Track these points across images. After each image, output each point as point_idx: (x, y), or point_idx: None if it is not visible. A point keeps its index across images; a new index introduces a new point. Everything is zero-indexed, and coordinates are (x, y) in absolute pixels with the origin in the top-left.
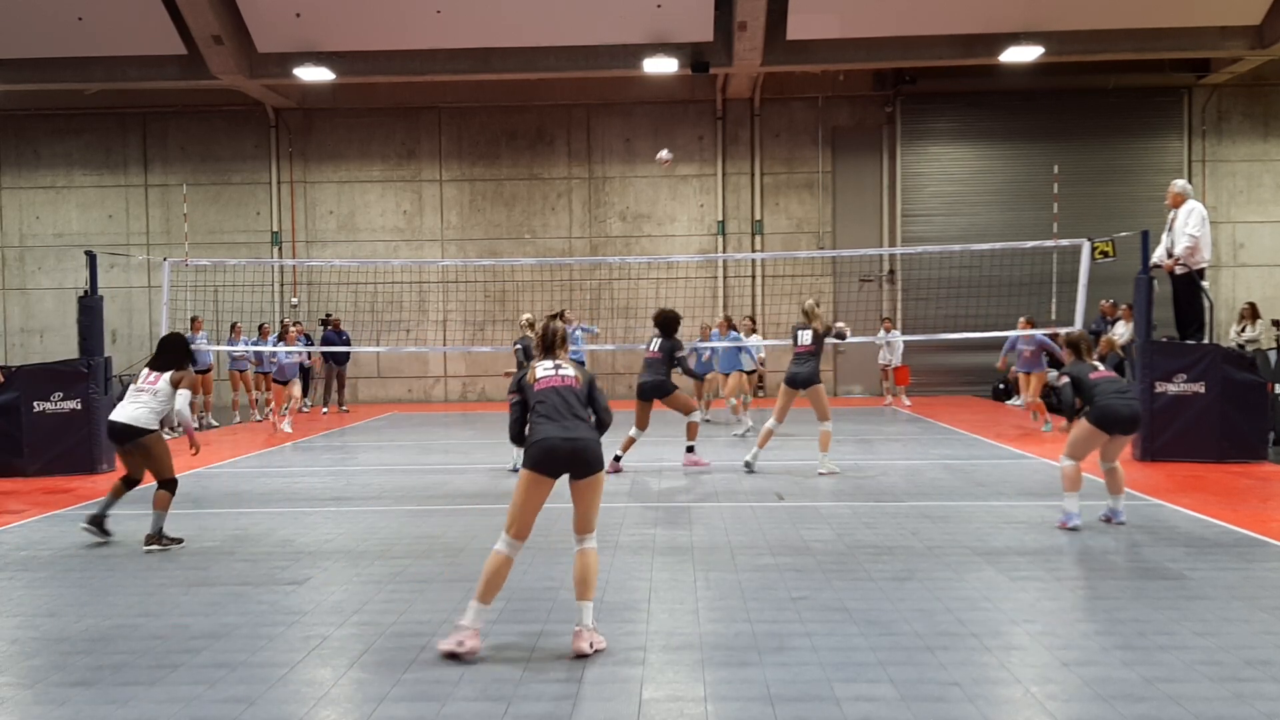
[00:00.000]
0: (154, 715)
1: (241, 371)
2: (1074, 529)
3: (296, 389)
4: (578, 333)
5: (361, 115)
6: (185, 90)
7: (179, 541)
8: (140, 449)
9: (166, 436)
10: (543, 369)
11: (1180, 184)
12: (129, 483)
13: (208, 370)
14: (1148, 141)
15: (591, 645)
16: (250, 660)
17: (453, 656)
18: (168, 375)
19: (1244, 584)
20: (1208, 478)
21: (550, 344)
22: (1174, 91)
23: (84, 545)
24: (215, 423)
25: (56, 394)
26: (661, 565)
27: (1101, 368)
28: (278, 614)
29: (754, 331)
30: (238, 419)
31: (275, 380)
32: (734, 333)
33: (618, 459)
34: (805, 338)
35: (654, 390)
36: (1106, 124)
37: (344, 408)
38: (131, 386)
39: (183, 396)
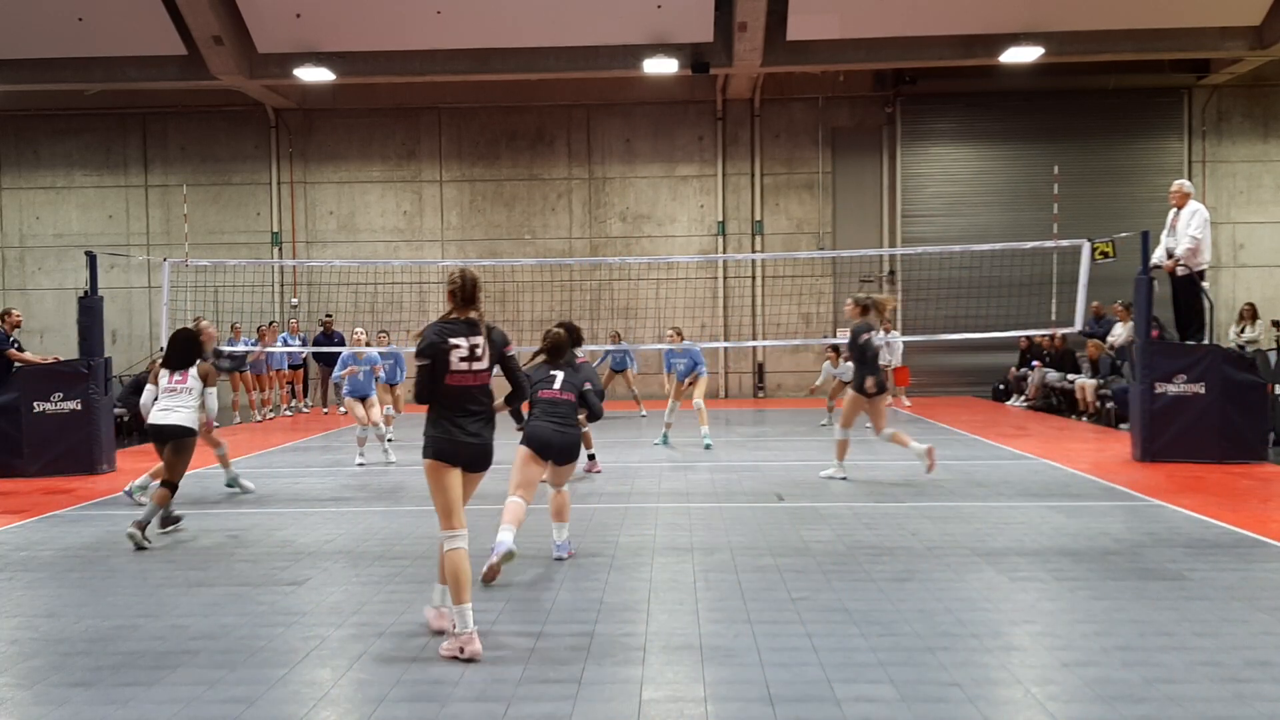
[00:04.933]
0: (154, 715)
1: (241, 372)
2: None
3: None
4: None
5: (361, 115)
6: (185, 90)
7: (148, 544)
8: (180, 448)
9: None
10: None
11: (1188, 184)
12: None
13: None
14: (1148, 142)
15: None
16: (250, 660)
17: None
18: (193, 370)
19: (1244, 584)
20: (1208, 478)
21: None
22: (1174, 92)
23: (83, 545)
24: (215, 423)
25: (56, 394)
26: (661, 565)
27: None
28: (278, 614)
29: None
30: (238, 419)
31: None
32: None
33: None
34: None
35: None
36: (1106, 124)
37: (326, 409)
38: (162, 386)
39: (211, 393)
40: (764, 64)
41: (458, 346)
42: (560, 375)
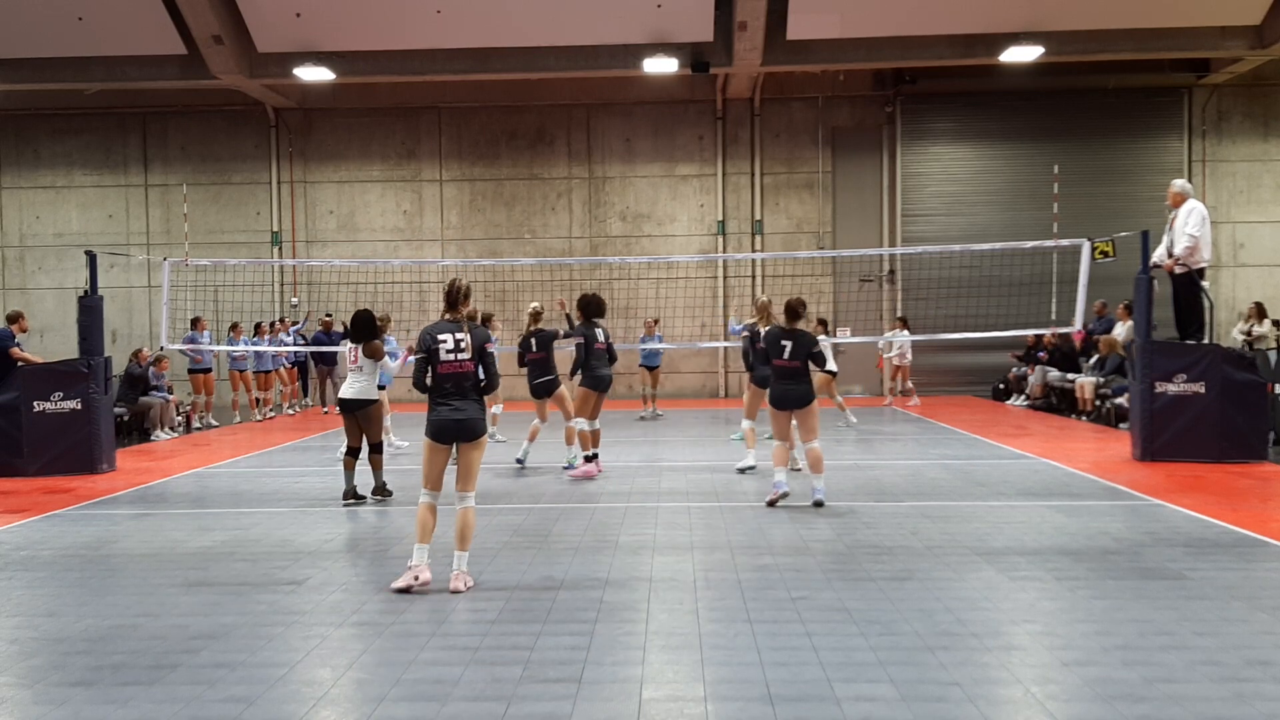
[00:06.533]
0: (153, 715)
1: (241, 371)
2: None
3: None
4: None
5: (361, 115)
6: (185, 90)
7: (390, 494)
8: (362, 416)
9: (166, 437)
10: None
11: (1180, 183)
12: (354, 453)
13: (208, 371)
14: (1148, 141)
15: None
16: (250, 660)
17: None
18: (361, 348)
19: (1244, 584)
20: (1208, 478)
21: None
22: (1174, 91)
23: (83, 545)
24: (215, 422)
25: (56, 394)
26: (661, 565)
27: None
28: (277, 614)
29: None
30: (237, 419)
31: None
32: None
33: None
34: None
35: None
36: (1106, 124)
37: (326, 409)
38: (346, 363)
39: (381, 364)
40: (764, 63)
41: (444, 341)
42: (789, 345)
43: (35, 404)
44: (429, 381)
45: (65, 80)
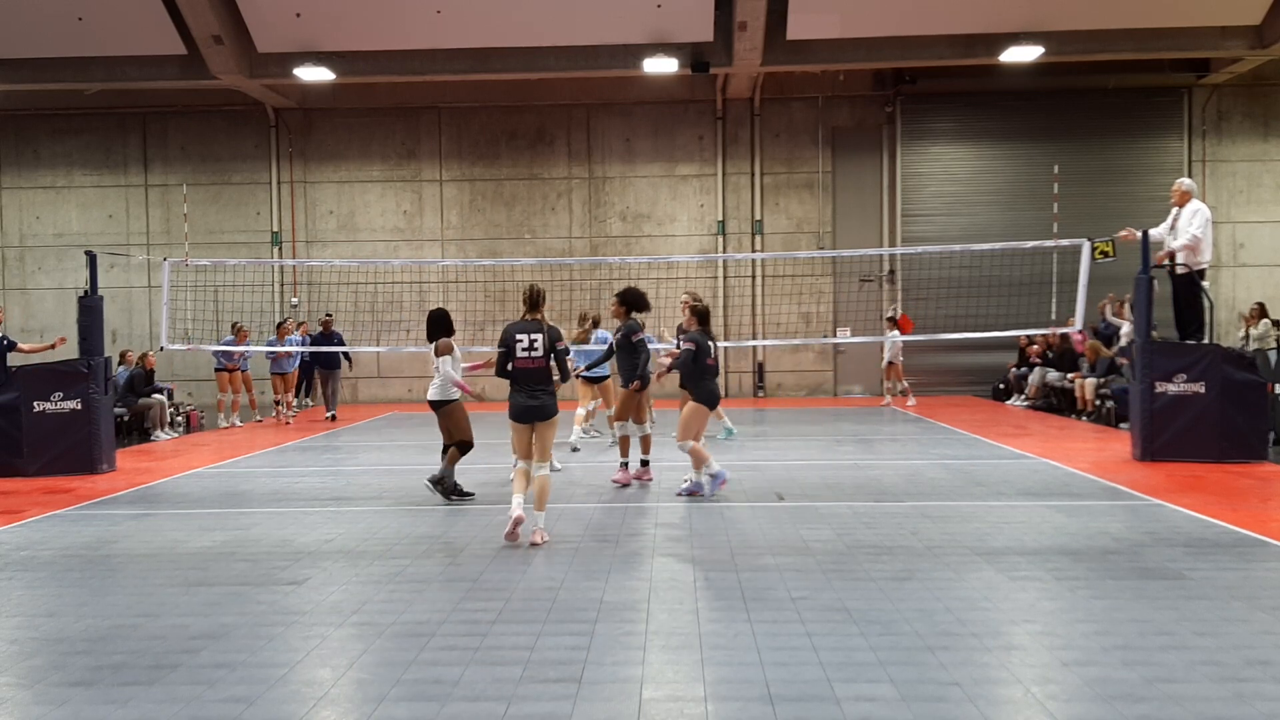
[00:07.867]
0: (153, 715)
1: (242, 371)
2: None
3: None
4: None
5: (361, 115)
6: (185, 90)
7: (469, 495)
8: (442, 415)
9: (166, 437)
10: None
11: (1188, 182)
12: (462, 447)
13: (235, 370)
14: (1148, 141)
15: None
16: (250, 660)
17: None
18: (432, 348)
19: (1244, 584)
20: (1208, 478)
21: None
22: (1174, 91)
23: (83, 545)
24: (229, 422)
25: (56, 394)
26: (661, 565)
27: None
28: (277, 614)
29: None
30: (236, 421)
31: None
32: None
33: None
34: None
35: None
36: (1106, 124)
37: (329, 414)
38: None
39: (445, 362)
40: (764, 63)
41: (520, 340)
42: (713, 345)
43: (35, 404)
44: (510, 369)
45: (65, 80)
